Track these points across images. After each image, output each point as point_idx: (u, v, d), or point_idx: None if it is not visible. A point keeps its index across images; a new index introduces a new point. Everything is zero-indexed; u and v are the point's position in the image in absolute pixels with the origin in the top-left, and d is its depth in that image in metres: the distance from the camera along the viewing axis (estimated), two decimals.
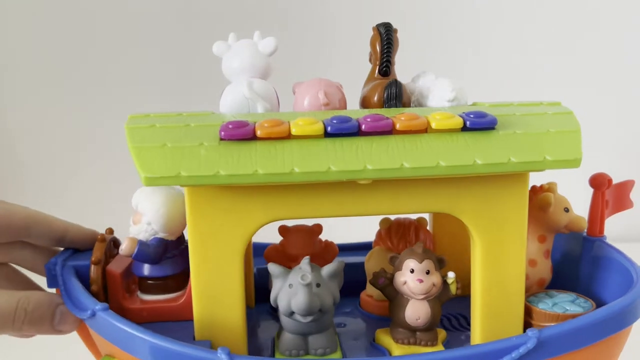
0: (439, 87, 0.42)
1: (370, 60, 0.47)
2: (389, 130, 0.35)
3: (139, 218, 0.40)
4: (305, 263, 0.36)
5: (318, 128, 0.35)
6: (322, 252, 0.47)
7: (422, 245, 0.39)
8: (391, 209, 0.37)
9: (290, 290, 0.35)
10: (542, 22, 0.80)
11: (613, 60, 0.82)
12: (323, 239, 0.48)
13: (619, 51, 0.82)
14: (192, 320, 0.38)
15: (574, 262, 0.45)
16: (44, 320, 0.37)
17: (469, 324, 0.42)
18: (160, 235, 0.40)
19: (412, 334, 0.39)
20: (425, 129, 0.36)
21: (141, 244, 0.39)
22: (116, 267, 0.41)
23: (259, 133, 0.34)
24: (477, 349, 0.34)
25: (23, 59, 0.96)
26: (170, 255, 0.41)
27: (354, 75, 0.48)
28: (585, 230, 0.45)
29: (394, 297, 0.40)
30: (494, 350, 0.33)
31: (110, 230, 0.43)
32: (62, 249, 0.43)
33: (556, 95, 0.46)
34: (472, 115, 0.36)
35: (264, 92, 0.41)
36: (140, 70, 0.96)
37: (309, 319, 0.35)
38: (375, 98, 0.42)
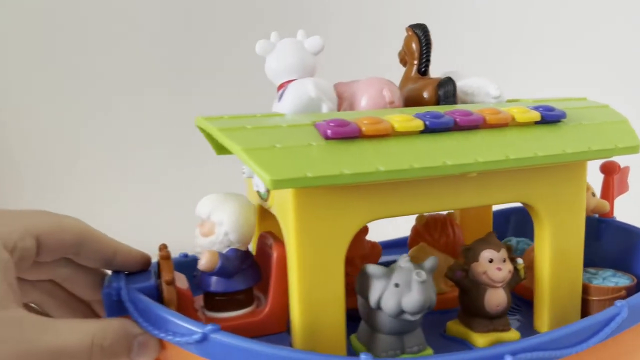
0: (484, 85, 0.44)
1: (401, 61, 0.48)
2: (480, 125, 0.36)
3: (212, 228, 0.37)
4: (406, 261, 0.36)
5: (418, 124, 0.35)
6: (369, 253, 0.47)
7: (494, 235, 0.41)
8: (482, 200, 0.38)
9: (398, 290, 0.35)
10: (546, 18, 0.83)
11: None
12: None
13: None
14: (271, 334, 0.36)
15: (593, 242, 0.50)
16: (121, 355, 0.33)
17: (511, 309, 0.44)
18: (236, 245, 0.37)
19: (490, 322, 0.40)
20: (507, 123, 0.37)
21: (223, 257, 0.36)
22: (181, 285, 0.37)
23: (364, 130, 0.34)
24: (578, 325, 0.36)
25: (21, 58, 0.92)
26: (246, 266, 0.38)
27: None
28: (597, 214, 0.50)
29: (470, 288, 0.41)
30: (593, 324, 0.36)
31: (164, 246, 0.39)
32: (107, 271, 0.38)
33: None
34: (542, 109, 0.38)
35: (328, 92, 0.40)
36: (139, 70, 0.93)
37: (419, 316, 0.35)
38: (426, 95, 0.43)
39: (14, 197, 0.94)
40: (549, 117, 0.38)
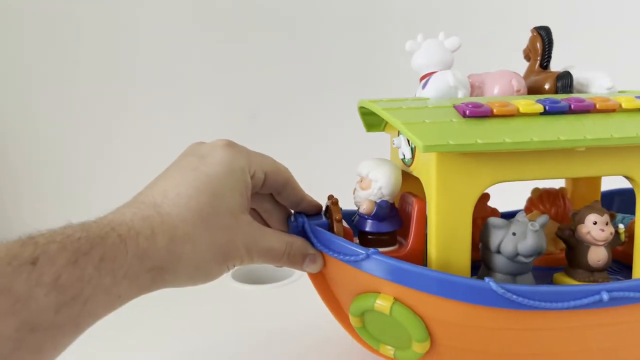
0: (598, 77, 0.52)
1: (526, 57, 0.56)
2: (592, 110, 0.45)
3: (369, 184, 0.48)
4: (522, 216, 0.46)
5: (539, 107, 0.44)
6: (490, 215, 0.56)
7: (599, 203, 0.49)
8: (589, 171, 0.46)
9: (515, 237, 0.45)
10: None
11: None
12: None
13: None
14: None
15: None
16: (297, 263, 0.46)
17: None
18: (386, 198, 0.49)
19: (591, 274, 0.49)
20: (615, 109, 0.46)
21: (377, 205, 0.48)
22: (345, 224, 0.49)
23: (495, 111, 0.43)
24: None
25: (21, 58, 0.96)
26: (393, 214, 0.49)
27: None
28: None
29: (575, 246, 0.49)
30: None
31: (332, 196, 0.51)
32: (292, 211, 0.51)
33: None
34: None
35: (463, 81, 0.50)
36: (137, 70, 0.97)
37: (531, 259, 0.45)
38: (547, 86, 0.52)
39: (13, 198, 0.96)
40: None
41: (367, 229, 0.49)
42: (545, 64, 0.54)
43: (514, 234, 0.45)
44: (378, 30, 0.88)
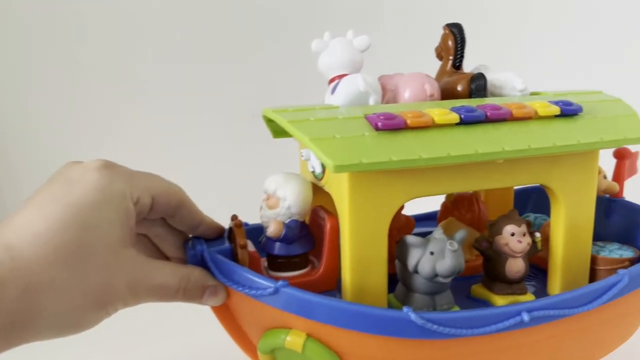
0: (511, 79, 0.50)
1: (438, 56, 0.53)
2: (508, 118, 0.42)
3: (277, 202, 0.44)
4: (440, 233, 0.43)
5: (454, 117, 0.41)
6: (404, 225, 0.53)
7: (516, 212, 0.47)
8: (506, 182, 0.44)
9: (433, 257, 0.42)
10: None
11: None
12: None
13: None
14: (324, 291, 0.43)
15: (603, 219, 0.56)
16: (195, 297, 0.41)
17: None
18: (296, 217, 0.44)
19: (509, 286, 0.47)
20: (531, 117, 0.43)
21: (287, 226, 0.43)
22: (250, 248, 0.44)
23: (409, 122, 0.40)
24: (585, 289, 0.42)
25: (21, 58, 0.92)
26: (303, 234, 0.45)
27: None
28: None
29: (493, 257, 0.47)
30: (598, 288, 0.42)
31: (236, 216, 0.46)
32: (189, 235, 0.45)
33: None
34: (561, 103, 0.44)
35: (374, 86, 0.46)
36: (138, 70, 0.95)
37: (450, 279, 0.42)
38: (460, 88, 0.49)
39: (14, 198, 0.95)
40: (567, 111, 0.44)
41: (276, 252, 0.44)
42: (457, 64, 0.51)
43: (431, 253, 0.42)
44: None
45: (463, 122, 0.41)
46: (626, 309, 0.45)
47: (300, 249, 0.45)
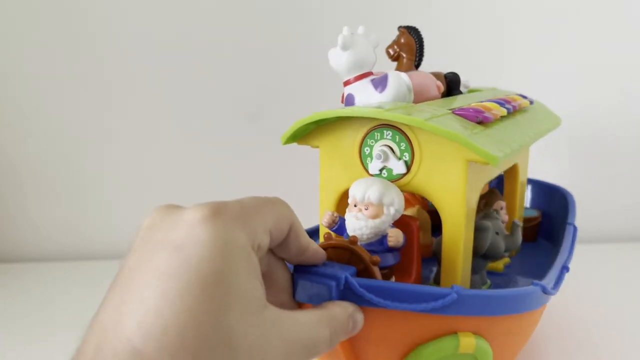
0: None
1: (392, 56, 0.56)
2: (517, 109, 0.50)
3: (381, 210, 0.40)
4: (495, 214, 0.47)
5: (504, 111, 0.47)
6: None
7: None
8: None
9: (499, 236, 0.46)
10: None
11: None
12: None
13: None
14: None
15: None
16: (345, 334, 0.35)
17: None
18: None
19: None
20: (523, 107, 0.52)
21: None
22: None
23: (494, 116, 0.44)
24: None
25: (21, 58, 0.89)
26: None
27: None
28: None
29: None
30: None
31: (354, 237, 0.39)
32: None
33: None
34: (526, 98, 0.55)
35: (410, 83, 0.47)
36: (138, 70, 0.91)
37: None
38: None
39: (14, 198, 0.92)
40: (532, 102, 0.55)
41: (392, 262, 0.41)
42: (417, 64, 0.56)
43: (497, 233, 0.47)
44: None
45: (509, 114, 0.47)
46: None
47: (398, 256, 0.42)
